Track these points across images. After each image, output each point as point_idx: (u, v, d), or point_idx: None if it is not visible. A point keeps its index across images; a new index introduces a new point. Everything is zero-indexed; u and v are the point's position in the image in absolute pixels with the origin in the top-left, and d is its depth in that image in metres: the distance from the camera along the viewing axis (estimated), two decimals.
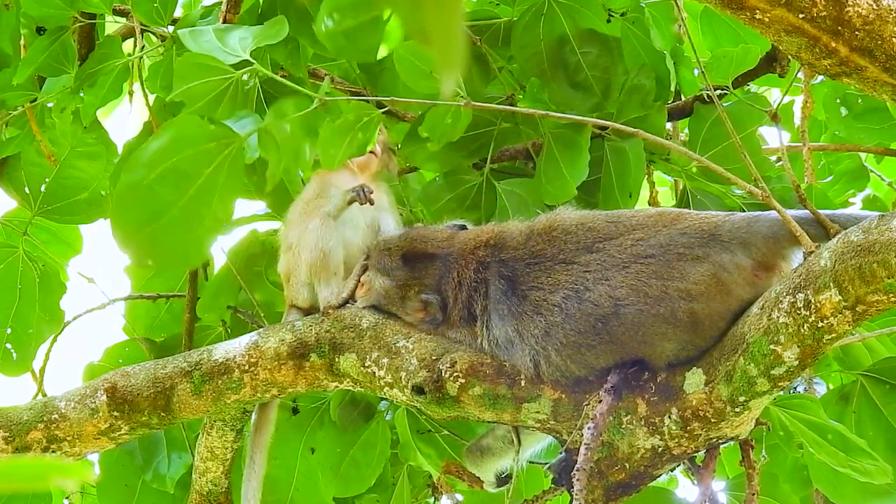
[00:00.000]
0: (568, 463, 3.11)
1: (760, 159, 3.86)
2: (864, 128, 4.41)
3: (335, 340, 3.41)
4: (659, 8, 3.92)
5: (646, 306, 2.99)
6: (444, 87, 3.15)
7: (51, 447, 3.57)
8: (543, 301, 3.11)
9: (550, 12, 3.86)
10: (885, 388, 3.71)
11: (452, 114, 3.41)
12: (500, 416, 3.22)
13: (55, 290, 4.32)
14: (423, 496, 4.16)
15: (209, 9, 4.01)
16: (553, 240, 3.21)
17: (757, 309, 2.93)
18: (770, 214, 3.06)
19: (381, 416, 4.00)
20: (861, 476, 3.33)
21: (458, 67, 1.38)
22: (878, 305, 2.76)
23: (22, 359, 4.30)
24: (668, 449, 3.08)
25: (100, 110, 4.13)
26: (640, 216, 3.20)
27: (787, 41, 2.87)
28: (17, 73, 3.96)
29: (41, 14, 4.03)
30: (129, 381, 3.55)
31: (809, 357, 2.87)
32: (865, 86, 2.93)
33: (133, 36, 4.14)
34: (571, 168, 3.68)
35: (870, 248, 2.72)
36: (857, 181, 4.64)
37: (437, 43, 1.36)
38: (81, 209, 4.34)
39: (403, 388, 3.27)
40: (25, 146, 4.21)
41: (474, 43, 3.90)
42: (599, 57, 3.87)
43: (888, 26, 2.81)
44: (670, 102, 4.02)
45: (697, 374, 3.02)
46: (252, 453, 3.62)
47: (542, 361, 3.09)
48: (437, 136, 3.49)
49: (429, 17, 1.35)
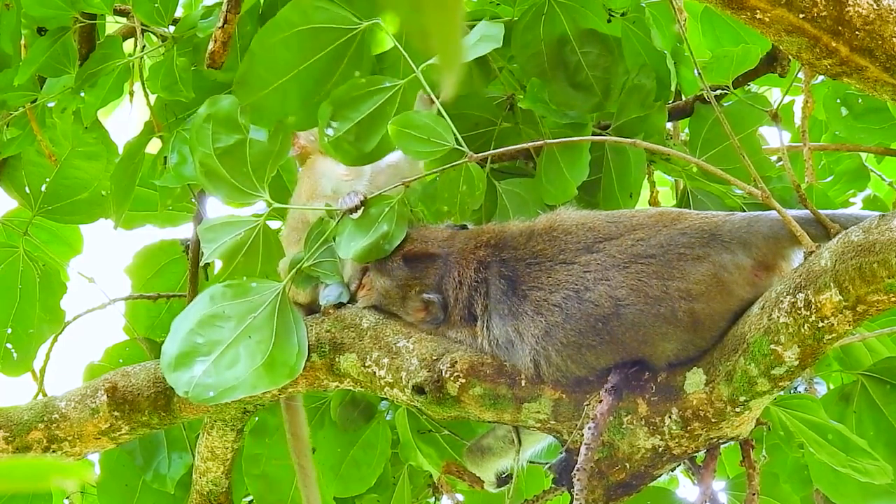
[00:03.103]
0: (568, 463, 3.11)
1: (761, 159, 3.86)
2: (864, 128, 4.41)
3: (335, 340, 3.41)
4: (659, 8, 3.92)
5: (646, 306, 2.99)
6: (445, 88, 3.15)
7: (51, 447, 3.57)
8: (544, 301, 3.11)
9: (551, 12, 3.85)
10: (885, 388, 3.71)
11: (465, 179, 3.41)
12: (501, 415, 3.22)
13: (56, 290, 4.32)
14: (424, 496, 4.16)
15: (210, 9, 4.01)
16: (553, 240, 3.21)
17: (757, 309, 2.93)
18: (770, 214, 3.06)
19: (381, 416, 4.00)
20: (861, 476, 3.33)
21: (458, 67, 1.38)
22: (878, 305, 2.76)
23: (22, 359, 4.30)
24: (668, 449, 3.08)
25: (100, 110, 4.12)
26: (641, 216, 3.20)
27: (787, 41, 2.87)
28: (18, 73, 3.96)
29: (42, 14, 4.03)
30: (129, 381, 3.56)
31: (810, 357, 2.87)
32: (866, 86, 2.93)
33: (134, 36, 4.14)
34: (572, 168, 3.68)
35: (870, 247, 2.72)
36: (858, 181, 4.64)
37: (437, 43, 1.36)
38: (82, 209, 4.34)
39: (404, 388, 3.27)
40: (26, 146, 4.21)
41: None
42: (600, 57, 3.87)
43: (888, 26, 2.81)
44: (671, 102, 4.02)
45: (698, 374, 3.02)
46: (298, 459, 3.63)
47: (543, 361, 3.09)
48: (458, 209, 3.48)
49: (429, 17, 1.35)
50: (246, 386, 3.19)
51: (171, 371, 3.21)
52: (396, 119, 3.22)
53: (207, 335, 3.22)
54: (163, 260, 4.43)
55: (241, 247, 3.37)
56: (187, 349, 3.21)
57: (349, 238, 3.27)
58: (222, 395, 3.19)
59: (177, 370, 3.20)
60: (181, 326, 3.25)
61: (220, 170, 3.29)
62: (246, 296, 3.27)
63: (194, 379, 3.17)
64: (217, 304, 3.26)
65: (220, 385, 3.18)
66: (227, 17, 3.81)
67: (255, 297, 3.28)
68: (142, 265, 4.42)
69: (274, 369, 3.23)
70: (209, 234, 3.42)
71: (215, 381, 3.18)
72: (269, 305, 3.27)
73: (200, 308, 3.27)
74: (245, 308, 3.26)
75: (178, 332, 3.25)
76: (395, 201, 3.27)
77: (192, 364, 3.19)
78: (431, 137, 3.19)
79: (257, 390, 3.24)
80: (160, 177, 3.84)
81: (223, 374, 3.18)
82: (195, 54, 3.94)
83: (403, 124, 3.20)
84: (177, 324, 3.28)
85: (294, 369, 3.27)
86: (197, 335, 3.22)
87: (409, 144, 3.21)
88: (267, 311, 3.26)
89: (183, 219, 4.49)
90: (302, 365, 3.27)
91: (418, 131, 3.20)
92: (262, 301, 3.28)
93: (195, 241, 4.05)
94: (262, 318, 3.25)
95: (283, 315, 3.28)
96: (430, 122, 3.20)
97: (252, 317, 3.25)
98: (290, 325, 3.29)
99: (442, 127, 3.19)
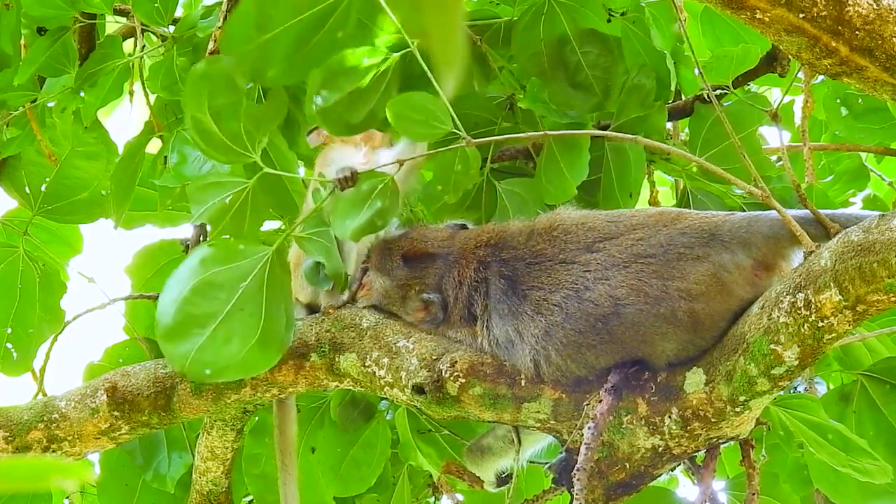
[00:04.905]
0: (568, 462, 3.11)
1: (761, 159, 3.86)
2: (864, 127, 4.41)
3: (335, 340, 3.41)
4: (659, 8, 3.92)
5: (646, 306, 2.99)
6: (445, 89, 3.15)
7: (51, 447, 3.57)
8: (544, 301, 3.11)
9: (551, 12, 3.85)
10: (885, 387, 3.71)
11: (460, 159, 3.41)
12: (501, 415, 3.22)
13: (55, 289, 4.32)
14: (424, 496, 4.16)
15: (209, 9, 4.01)
16: (553, 239, 3.21)
17: (757, 308, 2.93)
18: (770, 214, 3.06)
19: (381, 416, 4.00)
20: (861, 476, 3.33)
21: (458, 67, 1.38)
22: (878, 305, 2.76)
23: (22, 358, 4.30)
24: (668, 448, 3.08)
25: (100, 110, 4.13)
26: (641, 216, 3.20)
27: (787, 41, 2.87)
28: (18, 73, 3.96)
29: (42, 14, 4.03)
30: (129, 380, 3.56)
31: (809, 357, 2.87)
32: (866, 85, 2.93)
33: (133, 36, 4.14)
34: (572, 168, 3.68)
35: (870, 247, 2.72)
36: (858, 181, 4.64)
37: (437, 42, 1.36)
38: (82, 209, 4.34)
39: (404, 388, 3.27)
40: (26, 146, 4.22)
41: (474, 43, 3.90)
42: (600, 57, 3.87)
43: (888, 26, 2.81)
44: (671, 102, 4.02)
45: (698, 373, 3.02)
46: (282, 457, 3.63)
47: (543, 361, 3.09)
48: (452, 187, 3.49)
49: (429, 17, 1.35)
50: (240, 367, 3.22)
51: (167, 342, 3.20)
52: (395, 100, 3.21)
53: (201, 305, 3.22)
54: (163, 260, 4.42)
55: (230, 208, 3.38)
56: (183, 318, 3.21)
57: (343, 216, 3.25)
58: (218, 375, 3.22)
59: (173, 341, 3.19)
60: (174, 290, 3.24)
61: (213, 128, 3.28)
62: (235, 260, 3.27)
63: (191, 353, 3.17)
64: (208, 269, 3.25)
65: (216, 363, 3.19)
66: (227, 17, 3.81)
67: (243, 262, 3.28)
68: (142, 265, 4.42)
69: (266, 346, 3.24)
70: (198, 194, 3.41)
71: (212, 358, 3.19)
72: (258, 272, 3.27)
73: (192, 272, 3.25)
74: (235, 275, 3.26)
75: (171, 297, 3.24)
76: (388, 178, 3.25)
77: (188, 336, 3.19)
78: (430, 119, 3.19)
79: (251, 372, 3.29)
80: (160, 177, 3.84)
81: (219, 350, 3.19)
82: (195, 54, 3.94)
83: (402, 106, 3.19)
84: (169, 287, 3.27)
85: (283, 343, 3.27)
86: (191, 304, 3.21)
87: (408, 126, 3.21)
88: (257, 278, 3.26)
89: (183, 219, 4.49)
90: (290, 337, 3.28)
91: (417, 113, 3.19)
92: (252, 267, 3.27)
93: (195, 241, 4.05)
94: (253, 288, 3.25)
95: (271, 282, 3.27)
96: (428, 104, 3.19)
97: (243, 285, 3.25)
98: (279, 294, 3.29)
99: (440, 109, 3.18)
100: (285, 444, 3.66)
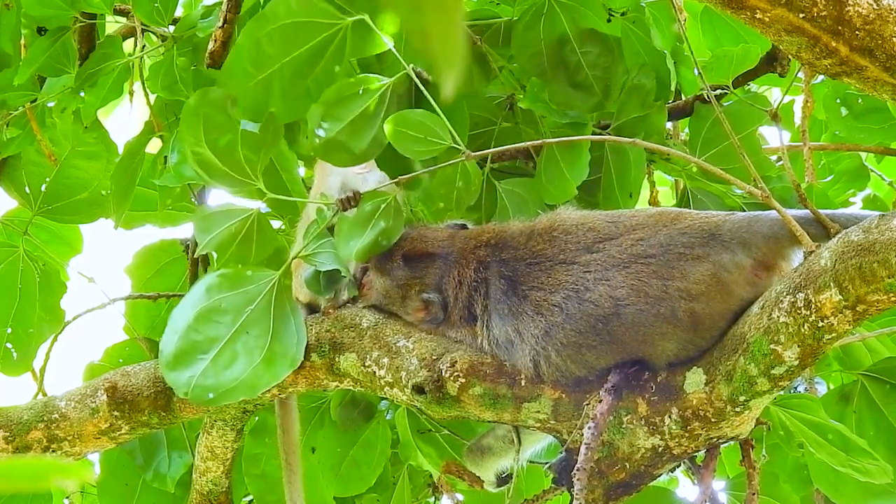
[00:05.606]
0: (568, 462, 3.11)
1: (761, 159, 3.86)
2: (864, 127, 4.41)
3: (335, 340, 3.41)
4: (659, 8, 3.92)
5: (646, 306, 2.99)
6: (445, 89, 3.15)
7: (51, 447, 3.57)
8: (544, 301, 3.11)
9: (551, 12, 3.86)
10: (885, 387, 3.71)
11: (461, 175, 3.41)
12: (501, 415, 3.22)
13: (55, 289, 4.32)
14: (424, 496, 4.16)
15: (210, 9, 4.01)
16: (553, 240, 3.21)
17: (757, 308, 2.93)
18: (770, 214, 3.06)
19: (381, 416, 4.00)
20: (861, 476, 3.33)
21: (458, 67, 1.38)
22: (878, 305, 2.76)
23: (22, 358, 4.30)
24: (668, 448, 3.08)
25: (100, 110, 4.13)
26: (641, 216, 3.20)
27: (787, 41, 2.87)
28: (18, 73, 3.96)
29: (42, 14, 4.03)
30: (129, 380, 3.56)
31: (810, 357, 2.87)
32: (866, 85, 2.93)
33: (134, 36, 4.14)
34: (572, 168, 3.68)
35: (870, 247, 2.72)
36: (858, 181, 4.64)
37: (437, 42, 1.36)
38: (82, 209, 4.34)
39: (404, 388, 3.27)
40: (26, 146, 4.21)
41: (474, 43, 3.90)
42: (600, 57, 3.87)
43: (888, 26, 2.81)
44: (671, 102, 4.02)
45: (698, 373, 3.02)
46: (286, 456, 3.63)
47: (543, 361, 3.09)
48: (455, 204, 3.49)
49: (429, 17, 1.35)
50: (245, 387, 3.19)
51: (169, 370, 3.20)
52: (392, 118, 3.20)
53: (205, 331, 3.21)
54: (163, 260, 4.43)
55: (236, 236, 3.38)
56: (185, 346, 3.21)
57: (348, 237, 3.27)
58: (222, 398, 3.19)
59: (176, 369, 3.19)
60: (178, 320, 3.25)
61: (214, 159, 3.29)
62: (242, 286, 3.27)
63: (193, 379, 3.17)
64: (213, 297, 3.25)
65: (220, 386, 3.17)
66: (227, 16, 3.82)
67: (250, 287, 3.27)
68: (142, 265, 4.42)
69: (273, 363, 3.23)
70: (204, 224, 3.41)
71: (214, 382, 3.17)
72: (265, 296, 3.27)
73: (197, 300, 3.26)
74: (242, 300, 3.26)
75: (175, 326, 3.24)
76: (391, 197, 3.26)
77: (191, 363, 3.19)
78: (428, 136, 3.18)
79: (257, 391, 3.24)
80: (160, 177, 3.84)
81: (222, 374, 3.18)
82: (195, 54, 3.94)
83: (400, 123, 3.18)
84: (174, 317, 3.27)
85: (295, 359, 3.27)
86: (194, 331, 3.21)
87: (406, 144, 3.20)
88: (263, 301, 3.26)
89: (183, 219, 4.49)
90: (302, 353, 3.27)
91: (415, 130, 3.18)
92: (259, 291, 3.27)
93: (195, 241, 4.05)
94: (259, 310, 3.25)
95: (279, 305, 3.28)
96: (426, 120, 3.19)
97: (249, 309, 3.25)
98: (288, 314, 3.29)
99: (438, 125, 3.18)
100: (289, 443, 3.66)
